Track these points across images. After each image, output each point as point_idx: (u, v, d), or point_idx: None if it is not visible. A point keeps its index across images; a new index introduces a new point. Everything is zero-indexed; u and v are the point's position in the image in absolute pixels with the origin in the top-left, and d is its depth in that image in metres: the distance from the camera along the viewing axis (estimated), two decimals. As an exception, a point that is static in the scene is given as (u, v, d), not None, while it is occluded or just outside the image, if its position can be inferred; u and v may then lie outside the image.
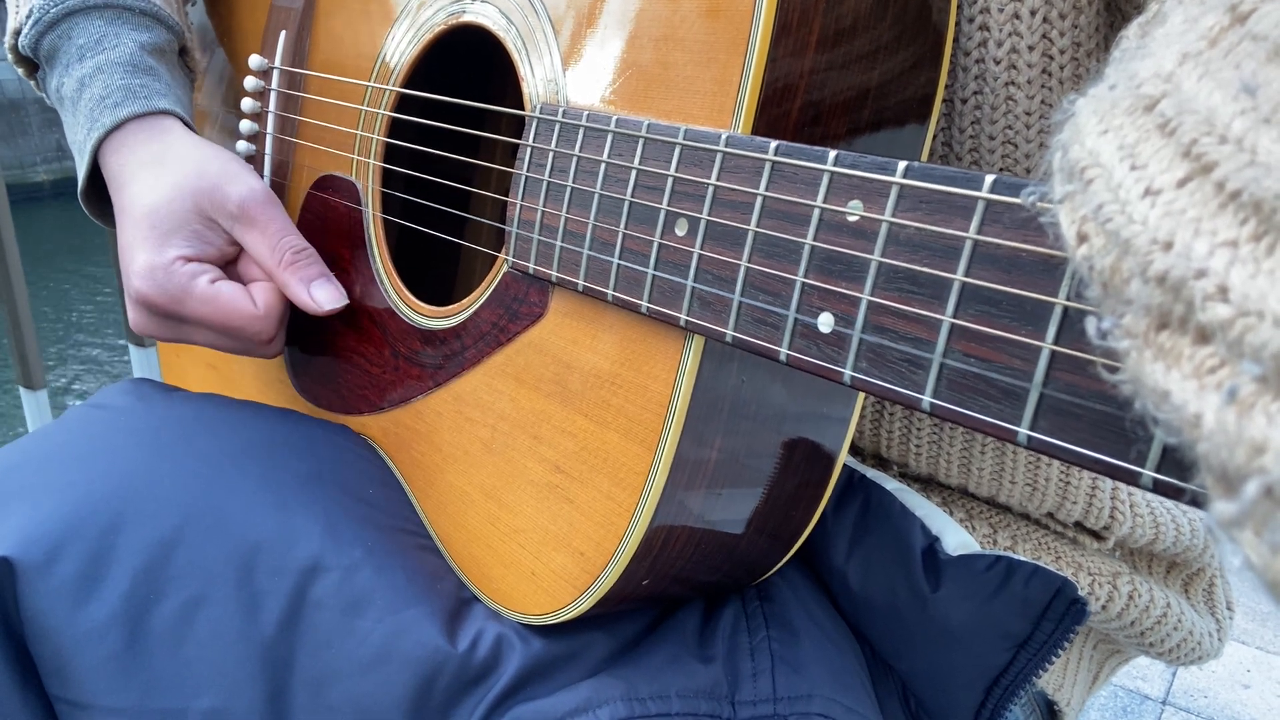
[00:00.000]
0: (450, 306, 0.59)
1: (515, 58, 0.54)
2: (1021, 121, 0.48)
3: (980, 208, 0.31)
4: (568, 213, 0.48)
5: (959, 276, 0.31)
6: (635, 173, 0.44)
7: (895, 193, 0.33)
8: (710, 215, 0.41)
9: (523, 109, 0.53)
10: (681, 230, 0.42)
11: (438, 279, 0.80)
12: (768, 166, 0.38)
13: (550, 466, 0.51)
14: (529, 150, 0.51)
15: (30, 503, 0.51)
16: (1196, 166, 0.20)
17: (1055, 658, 0.52)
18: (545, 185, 0.49)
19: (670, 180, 0.42)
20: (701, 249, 0.41)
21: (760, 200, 0.38)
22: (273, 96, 0.74)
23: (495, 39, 0.56)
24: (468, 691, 0.49)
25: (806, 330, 0.37)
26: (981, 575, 0.53)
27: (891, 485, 0.58)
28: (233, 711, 0.48)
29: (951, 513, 0.59)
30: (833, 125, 0.44)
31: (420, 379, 0.61)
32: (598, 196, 0.46)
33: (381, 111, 0.65)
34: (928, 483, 0.62)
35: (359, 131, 0.66)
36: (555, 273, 0.49)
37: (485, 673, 0.50)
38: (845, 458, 0.52)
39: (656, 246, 0.43)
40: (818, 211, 0.36)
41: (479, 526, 0.55)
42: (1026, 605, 0.52)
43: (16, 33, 0.68)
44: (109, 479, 0.53)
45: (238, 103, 0.76)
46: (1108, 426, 0.27)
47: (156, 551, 0.50)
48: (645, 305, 0.44)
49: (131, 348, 1.49)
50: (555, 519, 0.50)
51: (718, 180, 0.40)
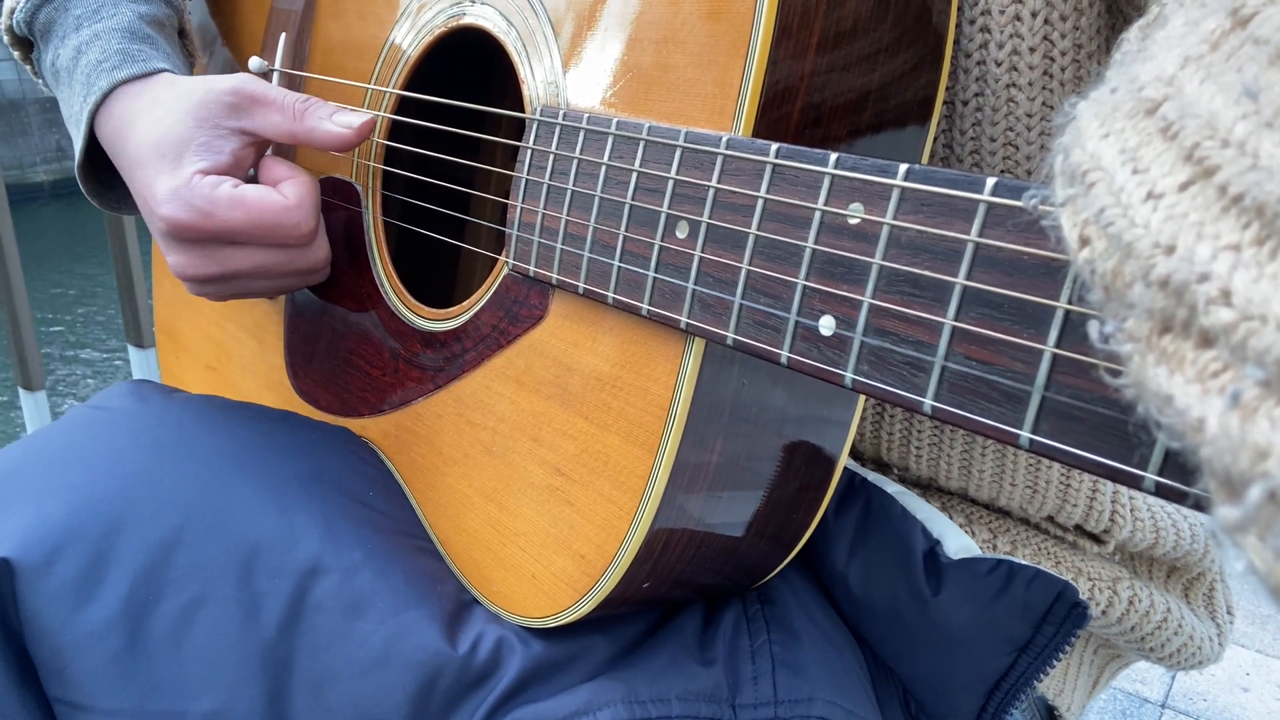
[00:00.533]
0: (450, 309, 0.59)
1: (515, 60, 0.54)
2: (1022, 123, 0.48)
3: (982, 210, 0.31)
4: (568, 215, 0.48)
5: (960, 279, 0.31)
6: (636, 175, 0.44)
7: (896, 195, 0.33)
8: (711, 218, 0.41)
9: (523, 111, 0.53)
10: (682, 233, 0.42)
11: (438, 281, 0.80)
12: (769, 169, 0.38)
13: (551, 469, 0.51)
14: (529, 153, 0.51)
15: (30, 504, 0.51)
16: (1199, 170, 0.20)
17: (1056, 662, 0.52)
18: (546, 188, 0.49)
19: (671, 183, 0.42)
20: (702, 251, 0.41)
21: (761, 203, 0.38)
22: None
23: (495, 41, 0.56)
24: (468, 694, 0.49)
25: (808, 333, 0.36)
26: (983, 579, 0.53)
27: (893, 488, 0.58)
28: (232, 713, 0.48)
29: (951, 517, 0.59)
30: (834, 127, 0.43)
31: (420, 381, 0.61)
32: (598, 199, 0.46)
33: (382, 114, 0.65)
34: (928, 487, 0.62)
35: None
36: (556, 275, 0.49)
37: (486, 675, 0.50)
38: (846, 461, 0.52)
39: (657, 249, 0.43)
40: (819, 214, 0.36)
41: (479, 529, 0.55)
42: (1028, 609, 0.52)
43: (11, 11, 0.67)
44: (109, 480, 0.52)
45: None
46: (1110, 430, 0.27)
47: (156, 553, 0.50)
48: (646, 308, 0.44)
49: (131, 349, 1.49)
50: (556, 522, 0.50)
51: (719, 183, 0.40)
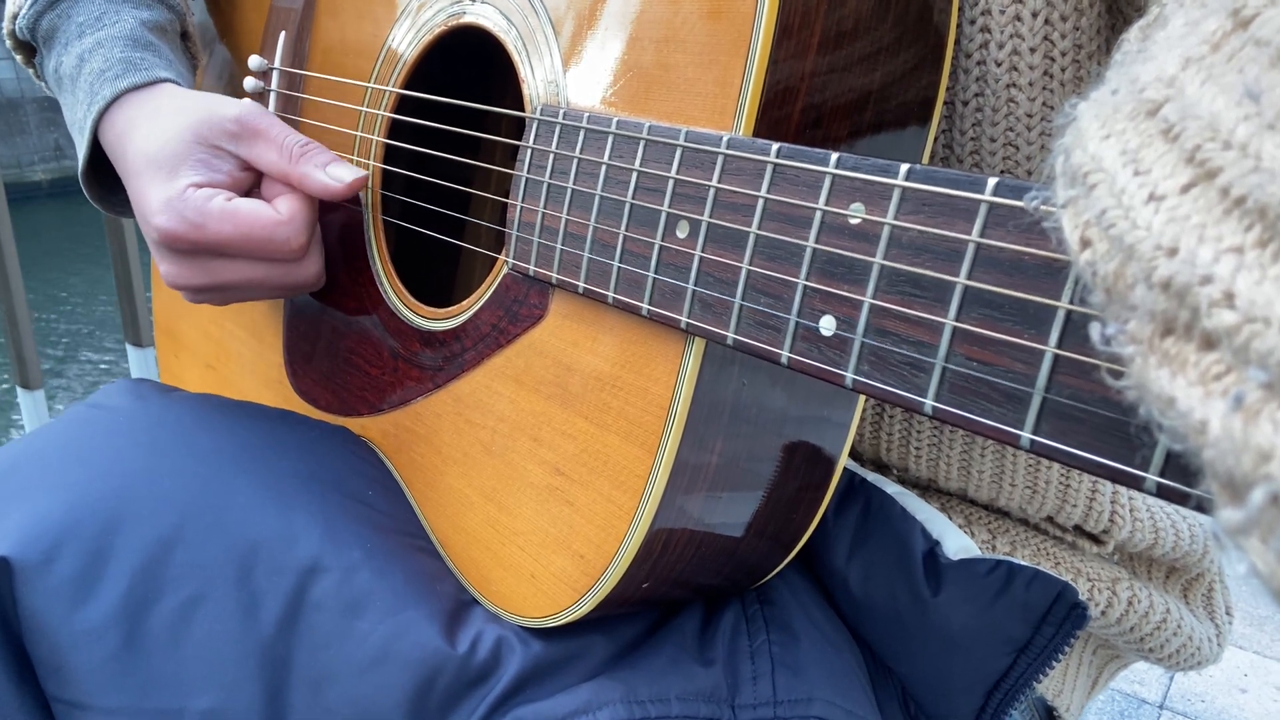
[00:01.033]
0: (450, 308, 0.59)
1: (515, 59, 0.54)
2: (1023, 124, 0.48)
3: (983, 211, 0.30)
4: (568, 214, 0.48)
5: (961, 280, 0.31)
6: (636, 174, 0.44)
7: (898, 195, 0.33)
8: (712, 217, 0.41)
9: (523, 110, 0.52)
10: (683, 232, 0.42)
11: (437, 281, 0.80)
12: (769, 169, 0.38)
13: (550, 469, 0.51)
14: (529, 152, 0.51)
15: (29, 502, 0.51)
16: (1200, 172, 0.20)
17: (1055, 663, 0.52)
18: (546, 187, 0.49)
19: (671, 182, 0.42)
20: (703, 251, 0.41)
21: (762, 203, 0.38)
22: (272, 98, 0.74)
23: (496, 40, 0.56)
24: (467, 693, 0.49)
25: (808, 333, 0.36)
26: (982, 579, 0.53)
27: (892, 489, 0.58)
28: (231, 712, 0.48)
29: (951, 518, 0.59)
30: (834, 127, 0.43)
31: (420, 381, 0.61)
32: (598, 198, 0.46)
33: (381, 113, 0.64)
34: (927, 487, 0.62)
35: (359, 133, 0.66)
36: (556, 275, 0.49)
37: (485, 674, 0.50)
38: (845, 461, 0.52)
39: (657, 249, 0.43)
40: (820, 214, 0.36)
41: (478, 529, 0.55)
42: (1027, 610, 0.52)
43: (14, 16, 0.67)
44: (107, 479, 0.52)
45: None
46: (1111, 431, 0.27)
47: (155, 551, 0.50)
48: (646, 308, 0.44)
49: (129, 348, 1.48)
50: (555, 521, 0.50)
51: (719, 182, 0.40)
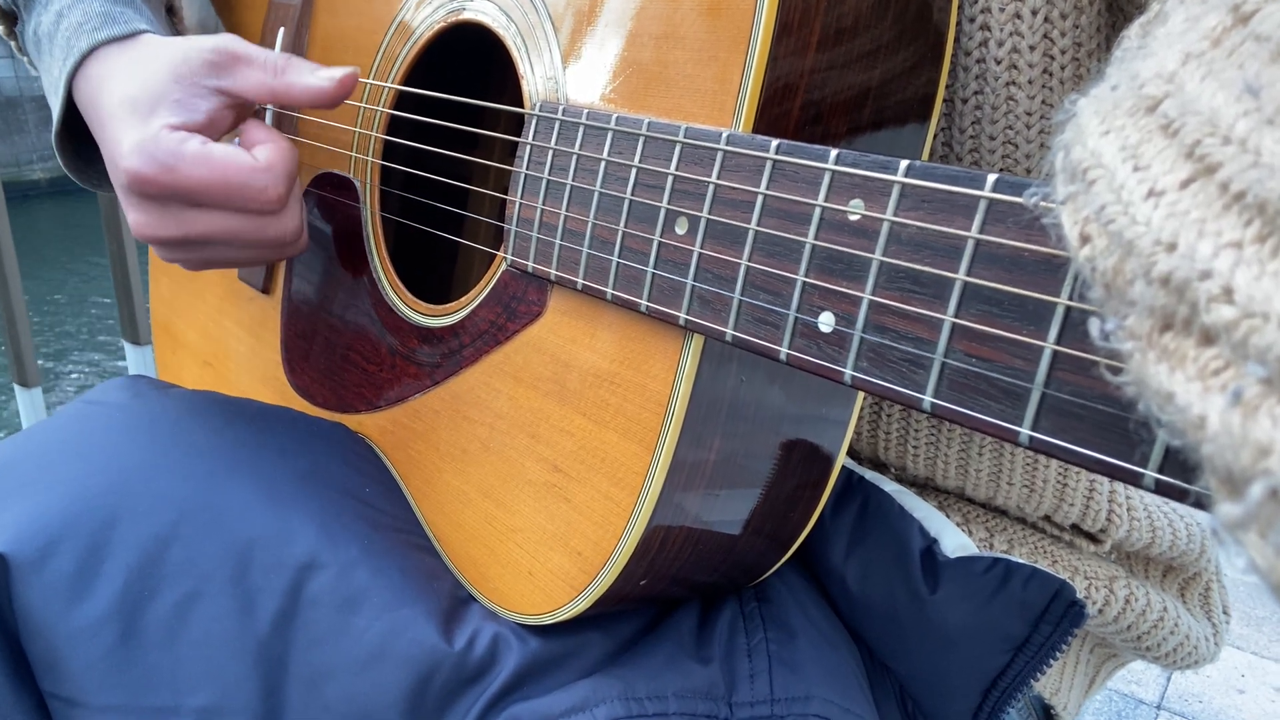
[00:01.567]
0: (448, 305, 0.59)
1: (515, 55, 0.54)
2: (1022, 121, 0.48)
3: (982, 207, 0.30)
4: (567, 211, 0.48)
5: (961, 276, 0.31)
6: (635, 171, 0.44)
7: (897, 192, 0.33)
8: (711, 214, 0.40)
9: (522, 107, 0.52)
10: (681, 229, 0.42)
11: (436, 277, 0.80)
12: (769, 165, 0.38)
13: (548, 466, 0.51)
14: (528, 148, 0.51)
15: (25, 498, 0.51)
16: (1200, 168, 0.20)
17: (1053, 661, 0.52)
18: (544, 183, 0.49)
19: (670, 179, 0.42)
20: (702, 248, 0.41)
21: (761, 199, 0.38)
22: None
23: (495, 36, 0.56)
24: (464, 690, 0.49)
25: (807, 329, 0.36)
26: (979, 577, 0.53)
27: (890, 487, 0.58)
28: (227, 709, 0.48)
29: (948, 516, 0.59)
30: (833, 124, 0.43)
31: (418, 377, 0.61)
32: (597, 195, 0.46)
33: (380, 109, 0.64)
34: (925, 486, 0.62)
35: (358, 129, 0.66)
36: (554, 271, 0.49)
37: (482, 672, 0.50)
38: (844, 459, 0.52)
39: (656, 245, 0.43)
40: (819, 210, 0.36)
41: (476, 526, 0.55)
42: (1024, 608, 0.52)
43: None
44: (104, 475, 0.52)
45: None
46: (1110, 427, 0.27)
47: (151, 548, 0.50)
48: (644, 304, 0.44)
49: (127, 345, 1.48)
50: (553, 518, 0.50)
51: (718, 179, 0.40)
